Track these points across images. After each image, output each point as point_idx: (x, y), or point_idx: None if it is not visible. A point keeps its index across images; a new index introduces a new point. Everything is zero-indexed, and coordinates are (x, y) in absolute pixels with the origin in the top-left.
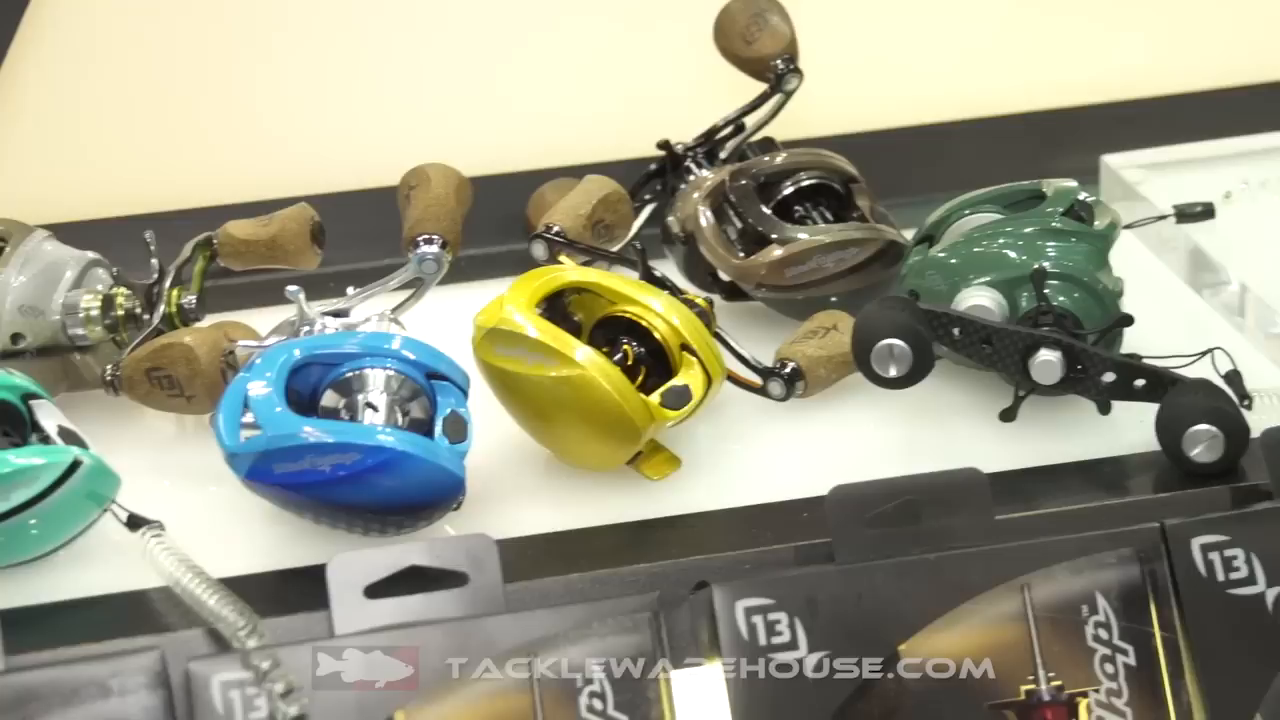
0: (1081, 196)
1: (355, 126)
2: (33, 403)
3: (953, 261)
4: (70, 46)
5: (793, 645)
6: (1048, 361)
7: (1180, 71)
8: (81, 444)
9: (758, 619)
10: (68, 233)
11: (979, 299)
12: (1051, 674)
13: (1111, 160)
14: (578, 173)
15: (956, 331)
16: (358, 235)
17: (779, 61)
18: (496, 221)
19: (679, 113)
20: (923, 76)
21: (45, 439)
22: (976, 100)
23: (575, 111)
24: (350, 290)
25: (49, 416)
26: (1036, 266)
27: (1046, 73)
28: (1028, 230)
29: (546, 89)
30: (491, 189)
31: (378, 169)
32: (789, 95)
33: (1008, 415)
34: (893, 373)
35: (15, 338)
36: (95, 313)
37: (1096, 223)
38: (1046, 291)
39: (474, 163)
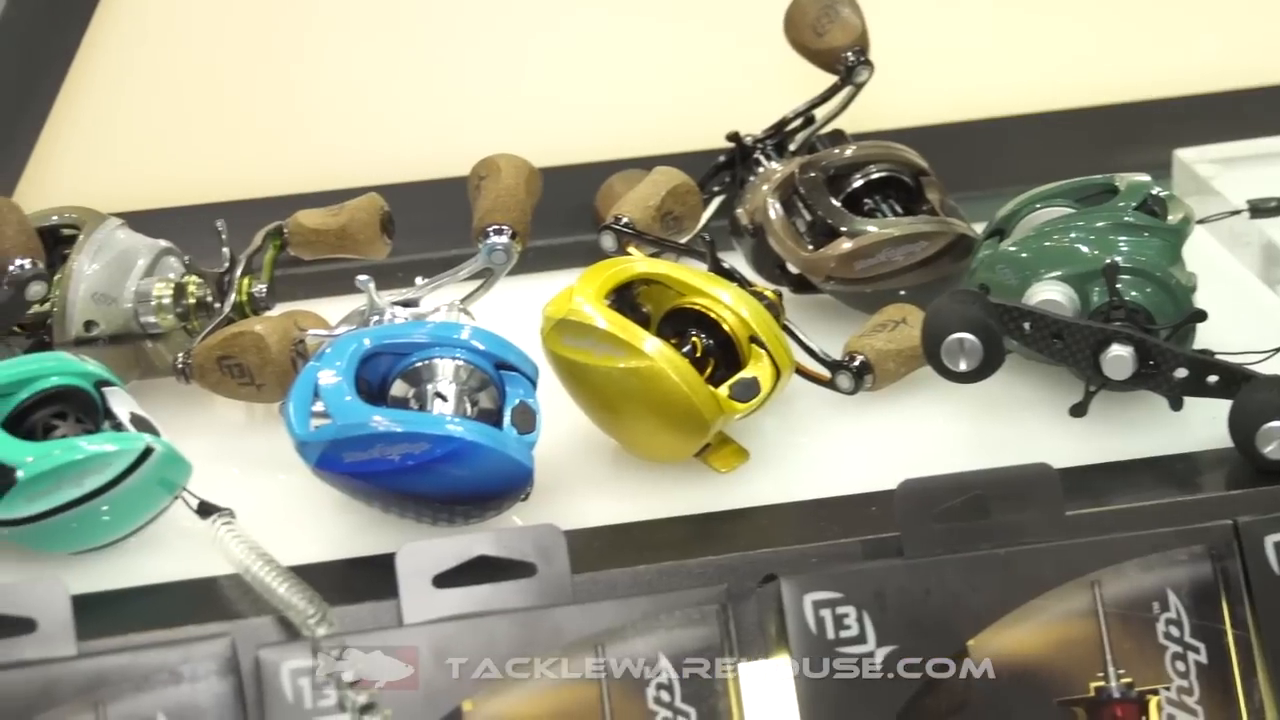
0: (1154, 191)
1: (426, 117)
2: (106, 390)
3: (1024, 256)
4: (143, 37)
5: (861, 639)
6: (1119, 357)
7: (1254, 66)
8: (154, 431)
9: (826, 613)
10: (140, 221)
11: (1050, 293)
12: (1121, 671)
13: (1184, 155)
14: (646, 164)
15: (1027, 326)
16: (427, 225)
17: (849, 54)
18: (565, 213)
19: (748, 105)
20: (994, 69)
21: (118, 426)
22: (1048, 94)
23: (644, 103)
24: (419, 280)
25: (121, 404)
26: (1109, 261)
27: (1119, 66)
28: (1100, 225)
29: (615, 80)
30: (560, 180)
31: (447, 160)
32: (859, 88)
33: (1078, 410)
34: (963, 367)
35: (88, 325)
36: (167, 301)
37: (1169, 217)
38: (1119, 286)
39: (543, 153)
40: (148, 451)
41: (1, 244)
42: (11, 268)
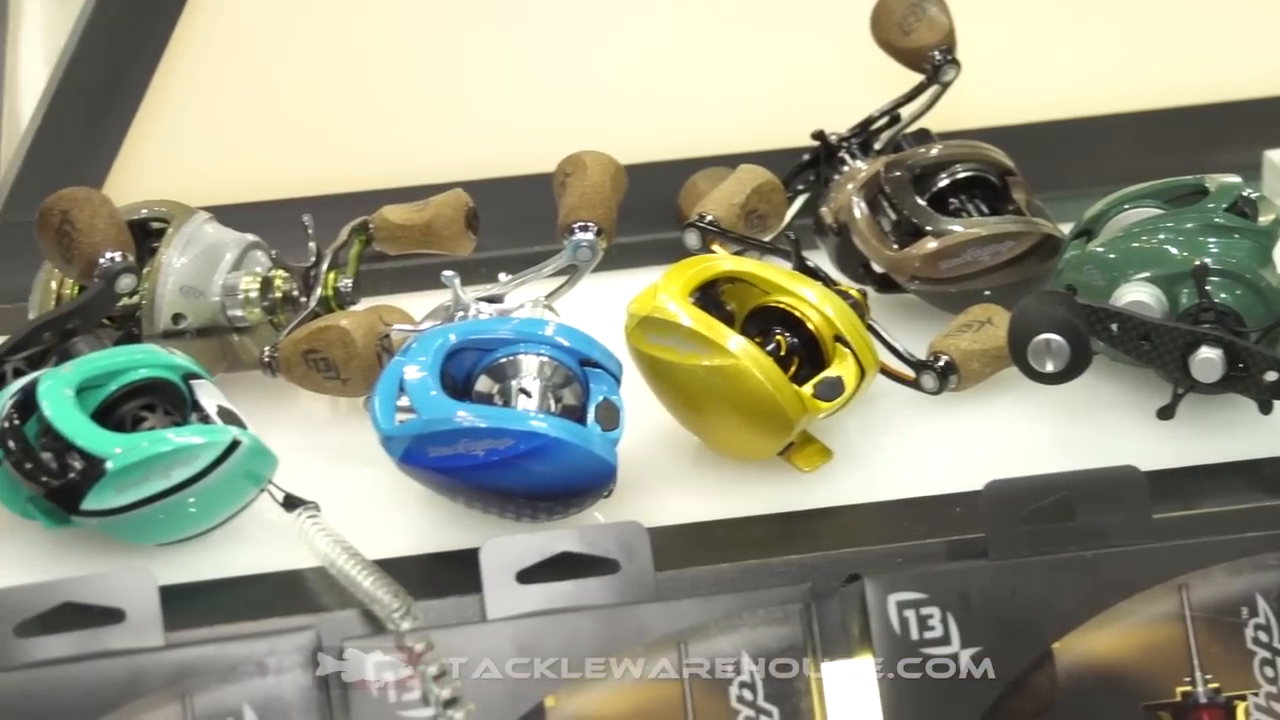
0: (1245, 192)
1: (511, 113)
2: (193, 382)
3: (1111, 256)
4: (232, 34)
5: (945, 641)
6: (1208, 359)
7: None
8: (240, 424)
9: (910, 613)
10: (228, 215)
11: (1138, 295)
12: (1209, 676)
13: (1275, 156)
14: (729, 162)
15: (1115, 327)
16: (511, 221)
17: (936, 52)
18: (648, 210)
19: (833, 103)
20: (1082, 69)
21: (205, 419)
22: (1136, 93)
23: (728, 100)
24: (503, 276)
25: (209, 396)
26: (1198, 263)
27: (1209, 66)
28: (1189, 226)
29: (700, 77)
30: (643, 177)
31: (532, 156)
32: (946, 86)
33: (1166, 413)
34: (1049, 368)
35: (176, 318)
36: (254, 294)
37: (1260, 219)
38: (1208, 288)
39: (626, 150)
40: (234, 444)
41: (92, 237)
42: (102, 260)
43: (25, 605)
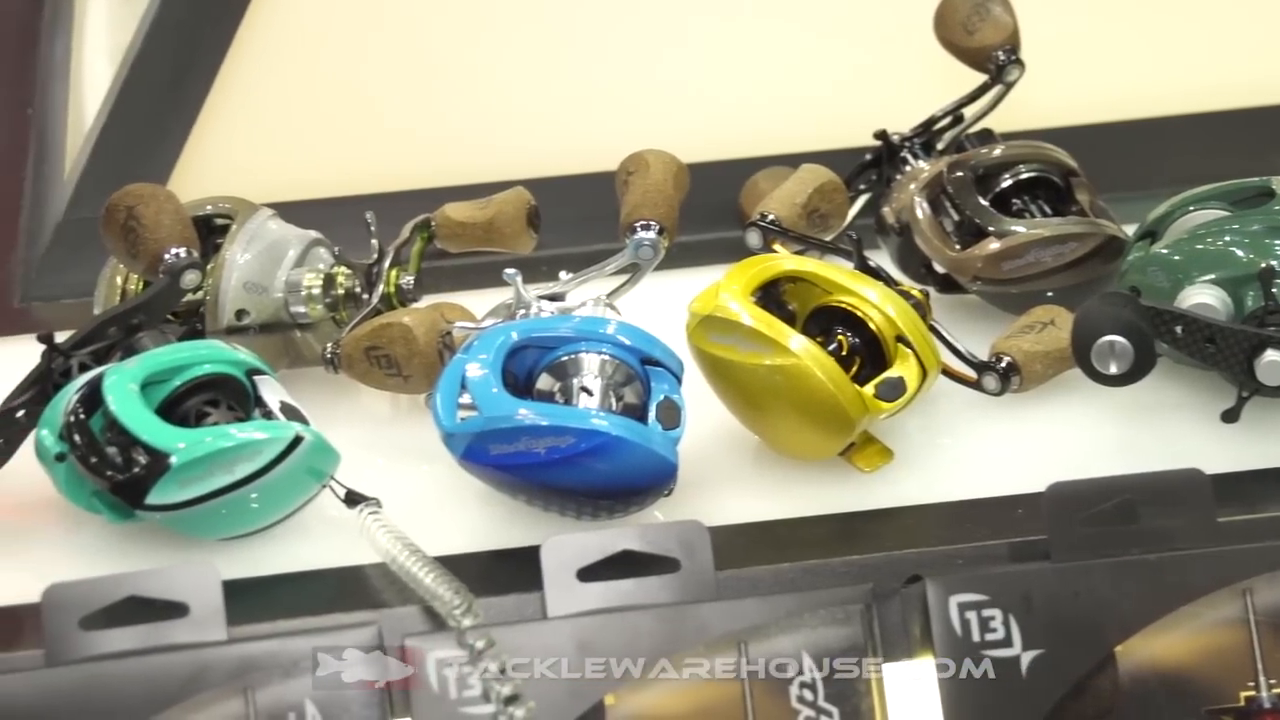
0: None
1: (572, 112)
2: (257, 378)
3: (1176, 258)
4: (295, 31)
5: (1007, 643)
6: (1274, 362)
7: None
8: (303, 420)
9: (971, 615)
10: (291, 212)
11: (1203, 297)
12: (1273, 681)
13: None
14: (791, 161)
15: (1179, 330)
16: (572, 220)
17: (1000, 52)
18: (708, 209)
19: (895, 102)
20: (1147, 68)
21: (268, 414)
22: (1202, 94)
23: (789, 100)
24: (563, 274)
25: (272, 392)
26: (1264, 265)
27: (1276, 66)
28: (1255, 228)
29: (762, 76)
30: (704, 176)
31: (594, 154)
32: (1009, 87)
33: (1230, 416)
34: (1113, 370)
35: (240, 314)
36: (316, 291)
37: None
38: (1274, 290)
39: (688, 149)
40: (297, 440)
41: (158, 233)
42: (167, 256)
43: (90, 599)
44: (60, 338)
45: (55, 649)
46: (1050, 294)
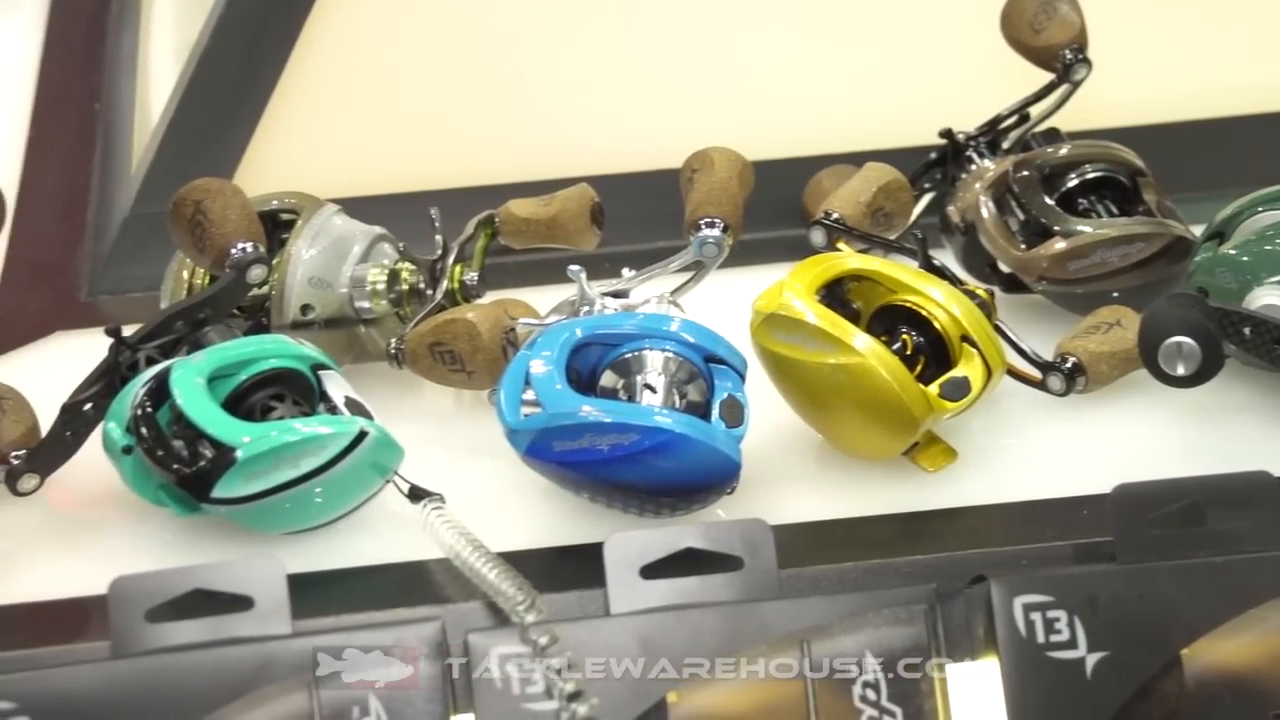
0: None
1: (637, 109)
2: (322, 373)
3: (1245, 259)
4: (361, 28)
5: (1072, 644)
6: None
7: None
8: (367, 415)
9: (1036, 616)
10: (356, 207)
11: (1272, 298)
12: None
13: None
14: (855, 160)
15: (1248, 331)
16: (635, 217)
17: (1067, 51)
18: (772, 206)
19: (961, 101)
20: (1216, 68)
21: (333, 409)
22: (1270, 93)
23: (854, 98)
24: (625, 271)
25: (337, 387)
26: None
27: None
28: None
29: (826, 75)
30: (768, 174)
31: (658, 151)
32: (1076, 86)
33: None
34: (1180, 371)
35: (305, 309)
36: (381, 287)
37: None
38: None
39: (752, 147)
40: (362, 435)
41: (225, 227)
42: (234, 251)
43: (156, 591)
44: (127, 331)
45: (121, 641)
46: (1116, 294)
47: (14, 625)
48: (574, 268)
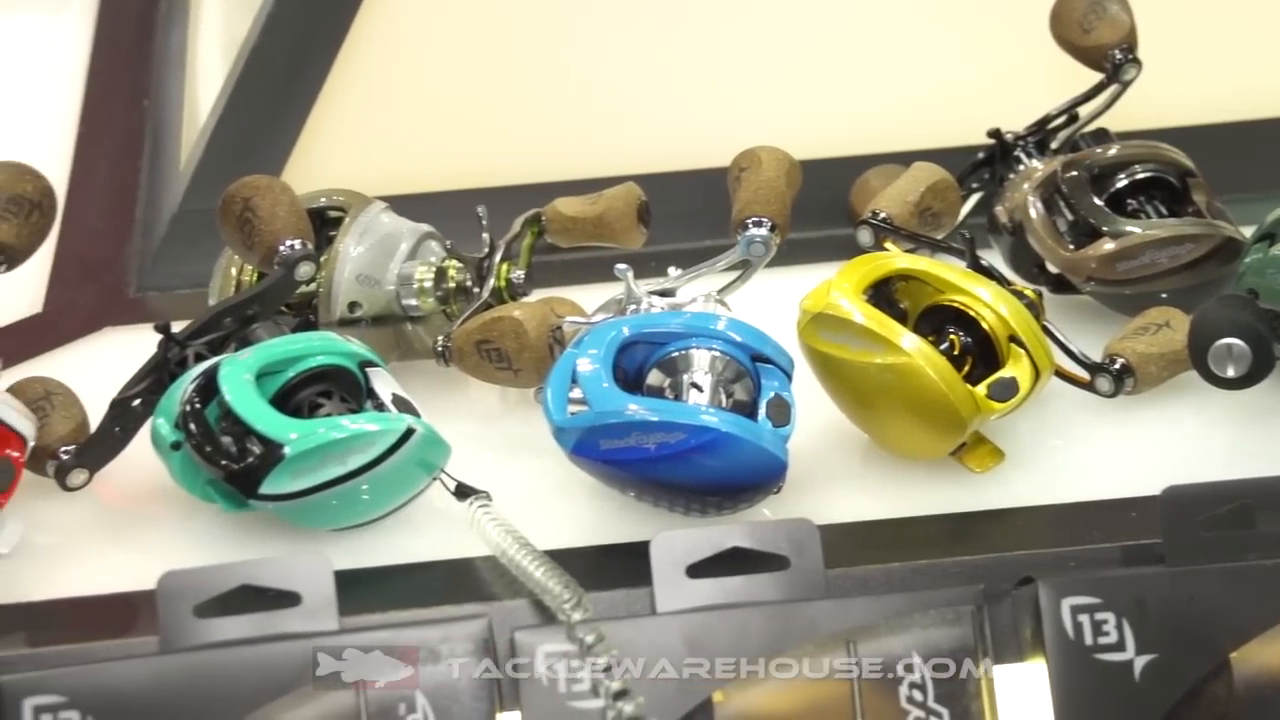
0: None
1: (684, 108)
2: (369, 370)
3: None
4: (409, 24)
5: (1120, 647)
6: None
7: None
8: (415, 413)
9: (1084, 618)
10: (403, 205)
11: None
12: None
13: None
14: (902, 159)
15: None
16: (682, 216)
17: (1117, 51)
18: (819, 206)
19: (1009, 101)
20: (1266, 68)
21: (380, 406)
22: None
23: (901, 98)
24: (671, 270)
25: (384, 384)
26: None
27: None
28: None
29: (874, 74)
30: (815, 173)
31: (704, 150)
32: (1126, 86)
33: None
34: (1230, 373)
35: (352, 306)
36: (428, 284)
37: None
38: None
39: (799, 146)
40: (409, 432)
41: (273, 224)
42: (282, 248)
43: (205, 586)
44: (176, 328)
45: (170, 636)
46: (1164, 295)
47: (63, 620)
48: (620, 266)
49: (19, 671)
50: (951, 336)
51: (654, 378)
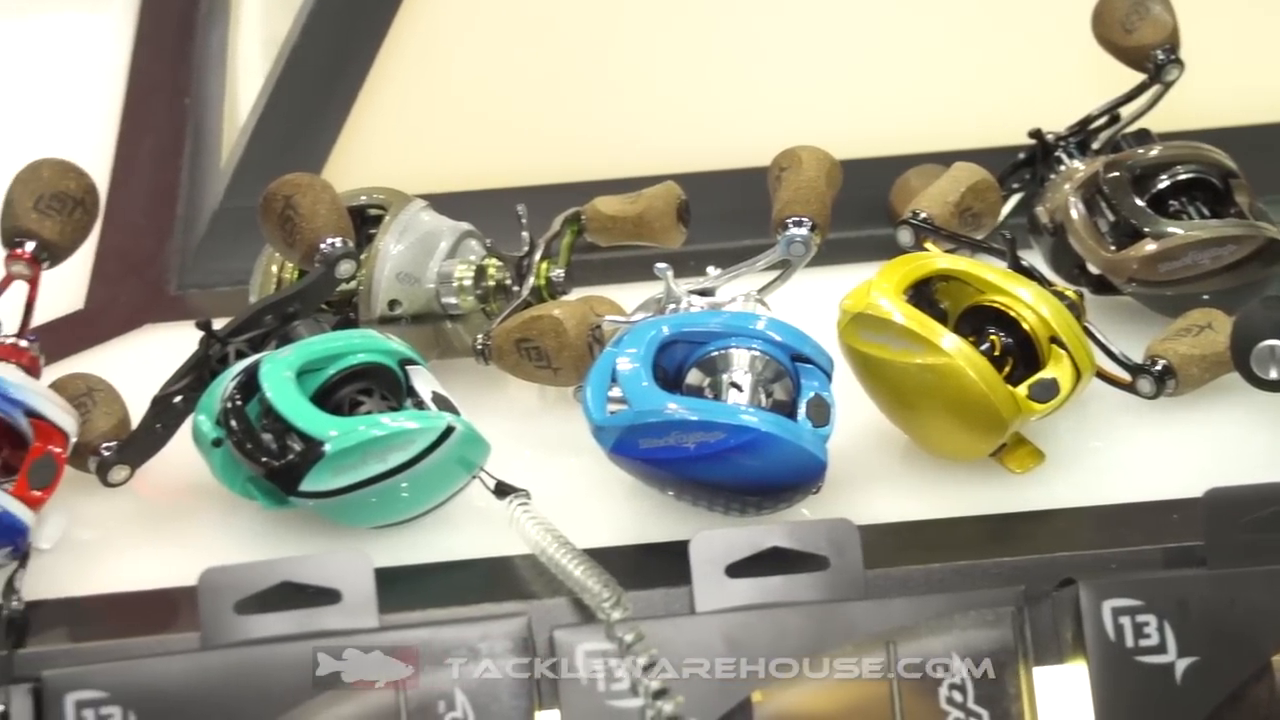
0: None
1: (724, 107)
2: (409, 368)
3: None
4: (449, 23)
5: (1161, 649)
6: None
7: None
8: (454, 411)
9: (1125, 620)
10: (443, 203)
11: None
12: None
13: None
14: (942, 159)
15: None
16: (721, 215)
17: (1159, 51)
18: (859, 206)
19: (1049, 101)
20: None
21: (420, 404)
22: None
23: (942, 97)
24: (710, 270)
25: (424, 382)
26: None
27: None
28: None
29: (914, 74)
30: (855, 173)
31: (744, 150)
32: (1168, 86)
33: None
34: (1273, 375)
35: (392, 304)
36: (468, 283)
37: None
38: None
39: (839, 146)
40: (449, 430)
41: (314, 222)
42: (323, 246)
43: (246, 583)
44: (217, 325)
45: (211, 632)
46: (1206, 297)
47: (105, 615)
48: (660, 265)
49: (61, 666)
50: (992, 337)
51: (693, 377)
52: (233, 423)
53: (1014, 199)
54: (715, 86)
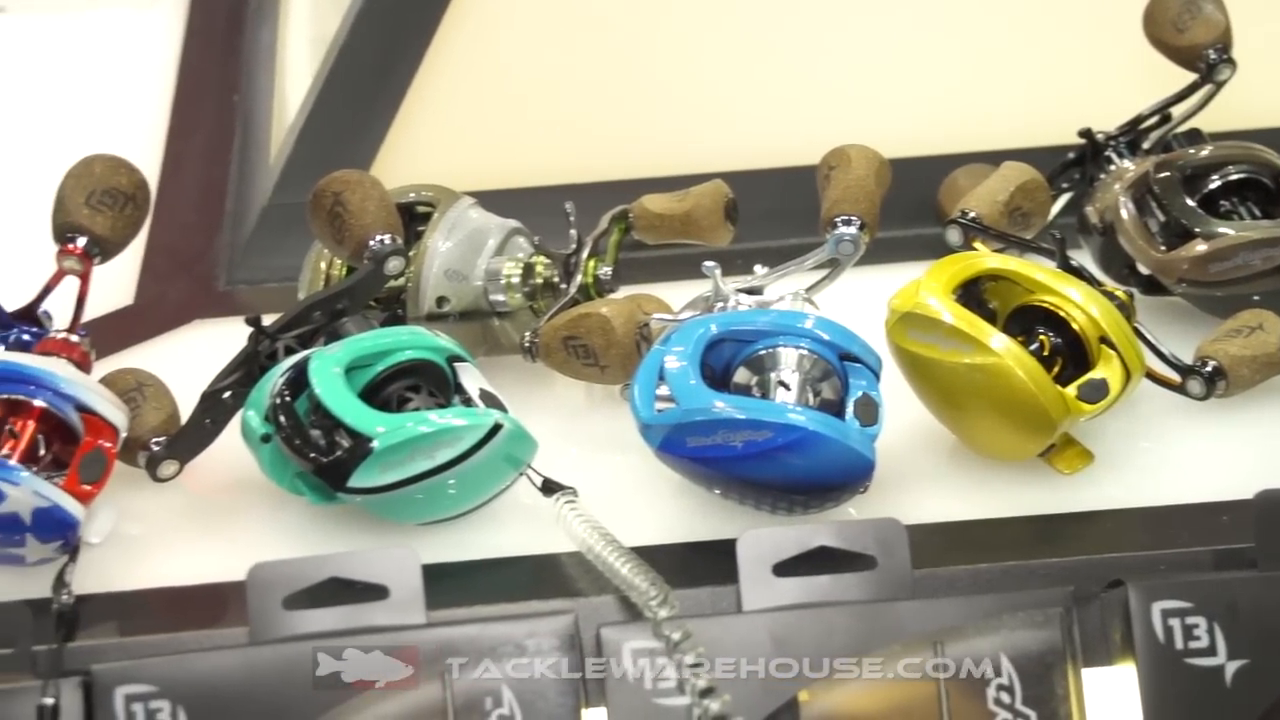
0: None
1: (772, 106)
2: (457, 365)
3: None
4: (497, 22)
5: (1211, 652)
6: None
7: None
8: (502, 408)
9: (1175, 622)
10: (491, 200)
11: None
12: None
13: None
14: (991, 159)
15: None
16: (769, 213)
17: (1211, 51)
18: (908, 205)
19: (1100, 100)
20: None
21: (468, 401)
22: None
23: (991, 96)
24: (758, 268)
25: (472, 379)
26: None
27: None
28: None
29: (964, 73)
30: (903, 172)
31: (792, 148)
32: (1220, 86)
33: None
34: None
35: (440, 301)
36: (516, 280)
37: None
38: None
39: (887, 145)
40: (497, 428)
41: (363, 219)
42: (372, 243)
43: (294, 578)
44: (265, 321)
45: (259, 627)
46: (1257, 298)
47: (154, 609)
48: (709, 264)
49: (110, 660)
50: (1041, 337)
51: (741, 375)
52: (281, 418)
53: (1063, 198)
54: (764, 85)
